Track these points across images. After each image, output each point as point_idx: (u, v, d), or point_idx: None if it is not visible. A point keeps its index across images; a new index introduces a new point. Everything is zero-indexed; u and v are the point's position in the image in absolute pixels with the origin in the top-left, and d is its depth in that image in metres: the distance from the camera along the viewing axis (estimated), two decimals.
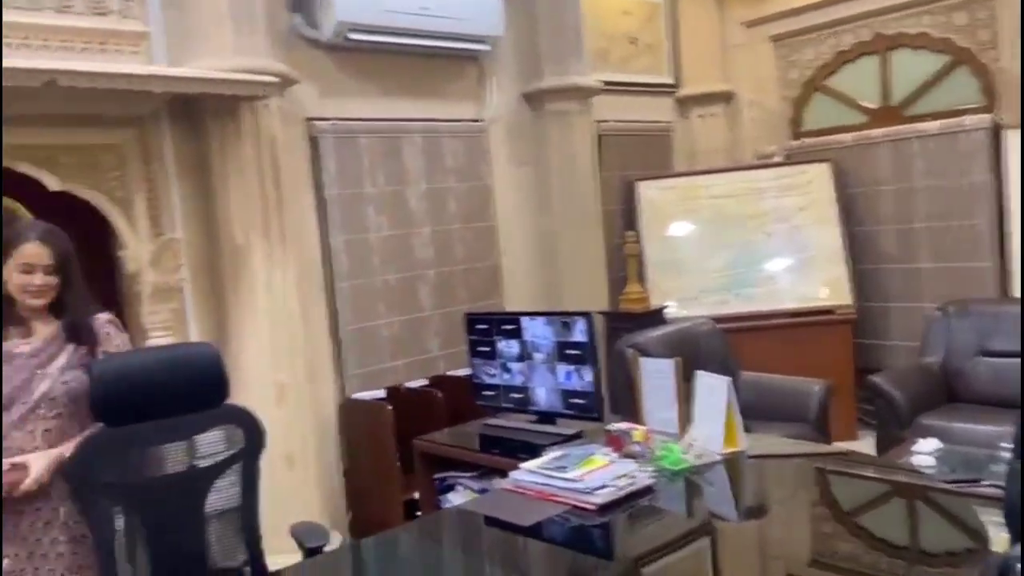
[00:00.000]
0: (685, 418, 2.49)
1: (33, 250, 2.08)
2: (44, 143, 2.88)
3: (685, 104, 5.66)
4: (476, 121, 4.46)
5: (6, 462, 2.00)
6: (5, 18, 2.75)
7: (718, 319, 4.30)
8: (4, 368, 2.03)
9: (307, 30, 3.75)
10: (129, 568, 2.00)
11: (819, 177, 5.01)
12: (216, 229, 3.36)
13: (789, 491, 2.31)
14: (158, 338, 3.15)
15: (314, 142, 3.80)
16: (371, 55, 3.97)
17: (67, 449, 2.05)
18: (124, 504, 2.00)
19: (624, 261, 4.85)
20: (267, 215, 3.35)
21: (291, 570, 2.08)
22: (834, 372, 4.23)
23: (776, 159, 5.39)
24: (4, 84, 2.54)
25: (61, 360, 2.10)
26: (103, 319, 2.21)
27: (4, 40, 2.74)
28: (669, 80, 5.62)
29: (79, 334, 2.14)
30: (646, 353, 3.16)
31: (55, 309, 2.15)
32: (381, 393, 3.89)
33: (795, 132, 5.44)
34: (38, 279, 2.08)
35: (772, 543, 2.00)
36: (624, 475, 2.11)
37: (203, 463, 2.19)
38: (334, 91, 3.88)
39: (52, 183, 2.91)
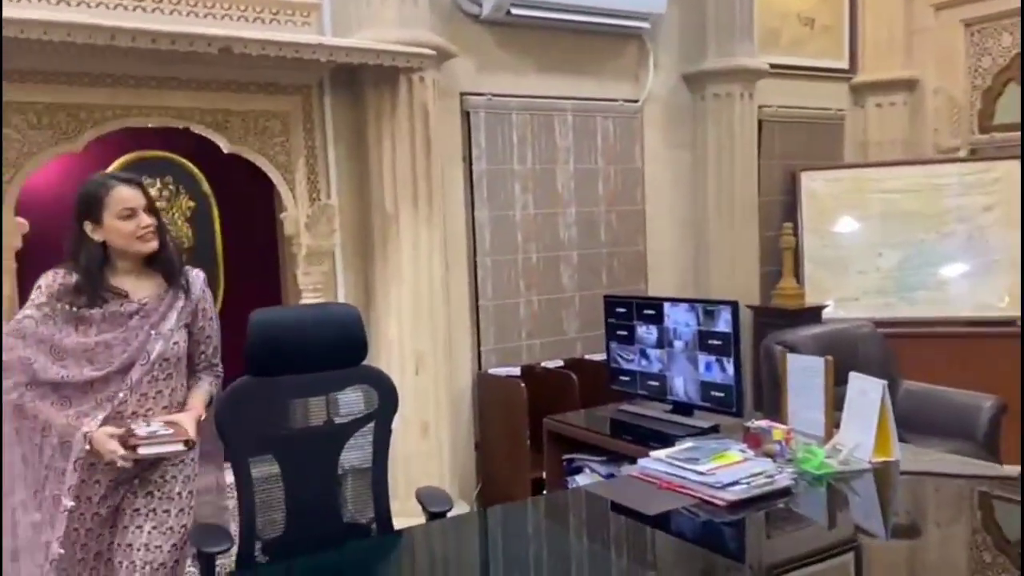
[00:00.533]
0: (832, 422, 2.31)
1: (127, 192, 1.97)
2: (218, 107, 3.06)
3: (860, 91, 5.27)
4: (632, 101, 4.35)
5: (163, 423, 1.96)
6: None
7: (879, 323, 3.98)
8: (119, 331, 1.97)
9: (468, 5, 3.78)
10: (267, 515, 2.10)
11: (1008, 175, 4.52)
12: (368, 197, 3.46)
13: (947, 512, 2.10)
14: (309, 298, 3.29)
15: (466, 116, 3.84)
16: (530, 31, 3.95)
17: (199, 410, 2.07)
18: (264, 452, 2.09)
19: (779, 255, 4.60)
20: (417, 186, 3.42)
21: (416, 530, 2.10)
22: (1009, 389, 3.81)
23: (961, 154, 4.92)
24: (184, 49, 2.72)
25: (171, 320, 2.04)
26: (200, 277, 2.15)
27: (184, 7, 2.92)
28: (844, 65, 5.24)
29: (179, 283, 2.07)
30: (796, 351, 2.97)
31: (149, 262, 2.04)
32: (516, 370, 3.89)
33: (984, 125, 4.93)
34: (144, 219, 1.97)
35: (923, 567, 1.81)
36: (760, 473, 1.98)
37: (339, 420, 2.26)
38: (490, 66, 3.90)
39: (224, 145, 3.09)
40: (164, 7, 2.87)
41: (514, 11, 3.73)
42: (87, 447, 1.88)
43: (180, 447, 1.90)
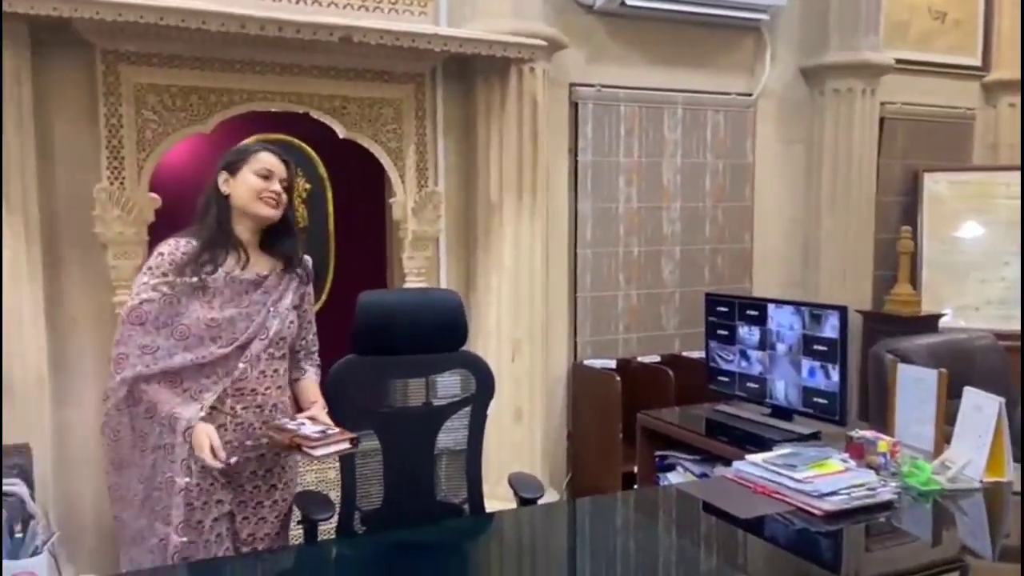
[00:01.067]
0: (943, 437, 2.21)
1: (272, 158, 1.98)
2: (336, 94, 3.18)
3: (993, 90, 4.95)
4: (745, 95, 4.24)
5: (308, 418, 1.96)
6: None
7: (1002, 335, 3.75)
8: (242, 306, 1.95)
9: None
10: (366, 488, 2.19)
11: None
12: (474, 185, 3.52)
13: None
14: (412, 282, 3.38)
15: (575, 107, 3.84)
16: (643, 22, 3.91)
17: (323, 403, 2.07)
18: (366, 428, 2.17)
19: (895, 258, 4.39)
20: (522, 176, 3.45)
21: (508, 514, 2.15)
22: None
23: None
24: (308, 37, 2.83)
25: (288, 299, 2.03)
26: (310, 263, 2.14)
27: None
28: (976, 62, 4.94)
29: (297, 266, 2.06)
30: (908, 361, 2.84)
31: (266, 244, 2.03)
32: (611, 363, 3.88)
33: None
34: (276, 186, 1.96)
35: None
36: (861, 485, 1.92)
37: (437, 402, 2.33)
38: (600, 58, 3.88)
39: (340, 130, 3.21)
40: None
41: (628, 2, 3.70)
42: (186, 440, 1.84)
43: (347, 445, 1.86)
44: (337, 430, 1.85)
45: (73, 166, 2.92)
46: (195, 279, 1.91)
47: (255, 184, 1.94)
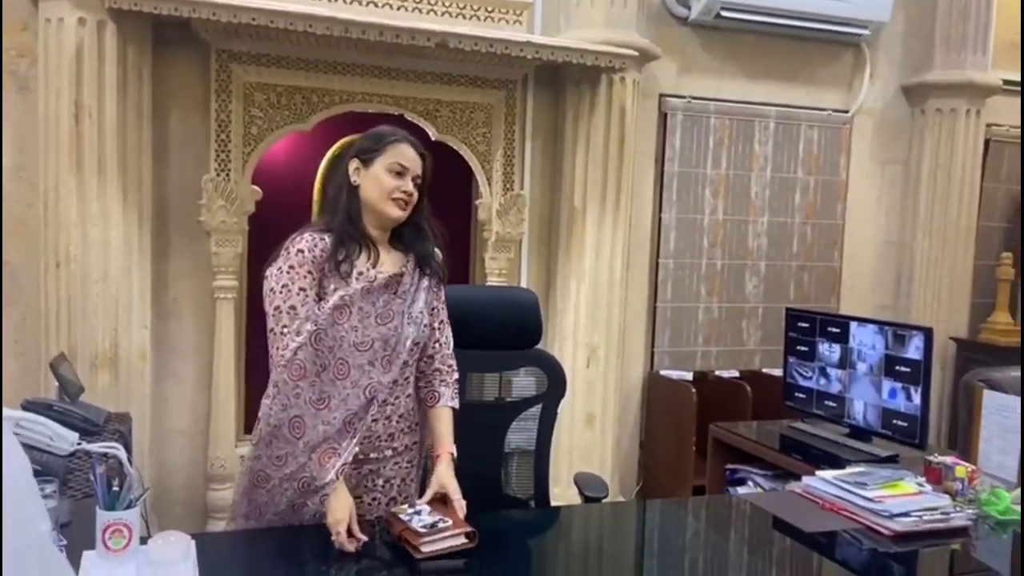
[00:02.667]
0: None
1: (410, 153, 1.82)
2: (428, 97, 3.29)
3: None
4: (841, 112, 4.15)
5: (428, 505, 1.72)
6: None
7: None
8: (375, 294, 1.78)
9: (677, 7, 3.78)
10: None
11: None
12: (559, 190, 3.57)
13: None
14: (494, 283, 3.46)
15: (664, 118, 3.85)
16: (737, 35, 3.89)
17: (446, 460, 1.85)
18: None
19: (995, 286, 4.21)
20: (607, 184, 3.48)
21: (574, 509, 2.18)
22: None
23: None
24: (407, 42, 2.95)
25: (420, 302, 1.86)
26: (441, 261, 1.96)
27: (410, 3, 3.16)
28: None
29: (431, 267, 1.90)
30: (1000, 391, 2.73)
31: (395, 242, 1.88)
32: (688, 375, 3.85)
33: None
34: (408, 185, 1.80)
35: None
36: (934, 508, 1.86)
37: (510, 398, 2.38)
38: (692, 69, 3.88)
39: (432, 132, 3.32)
40: (392, 2, 3.12)
41: (724, 14, 3.69)
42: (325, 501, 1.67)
43: (463, 540, 1.62)
44: (450, 522, 1.63)
45: (184, 157, 3.13)
46: (332, 287, 1.75)
47: (386, 182, 1.78)
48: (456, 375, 1.96)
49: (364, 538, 1.64)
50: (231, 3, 2.77)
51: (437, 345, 1.93)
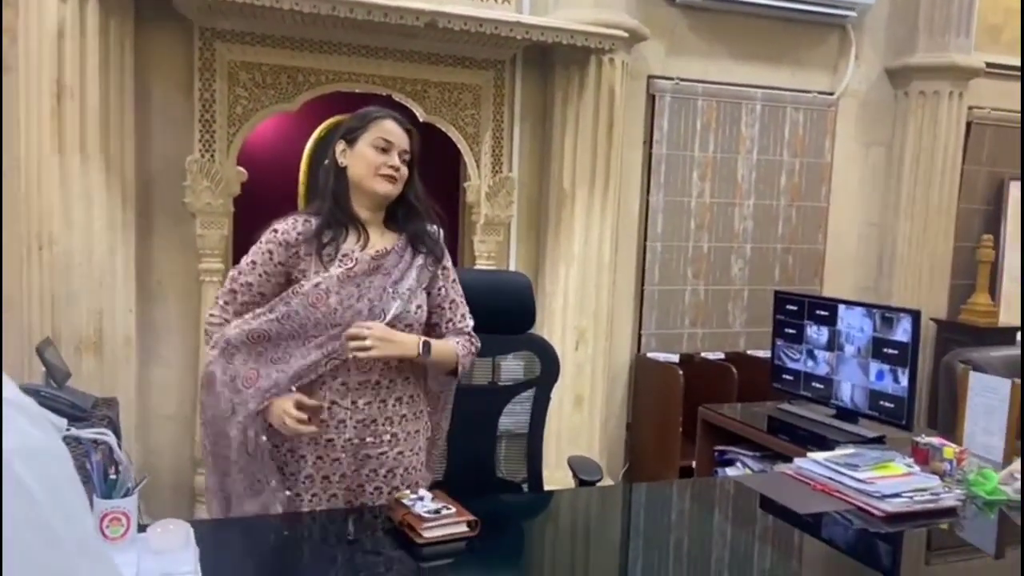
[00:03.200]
0: (1013, 449, 2.16)
1: (393, 127, 1.79)
2: (417, 77, 3.26)
3: None
4: (826, 94, 4.17)
5: (430, 493, 1.69)
6: None
7: None
8: (358, 278, 1.76)
9: None
10: (430, 464, 2.25)
11: None
12: (547, 173, 3.56)
13: None
14: (483, 266, 3.45)
15: (652, 99, 3.84)
16: (725, 16, 3.88)
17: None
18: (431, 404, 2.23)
19: (974, 267, 4.27)
20: (595, 166, 3.48)
21: (566, 493, 2.19)
22: None
23: None
24: (395, 21, 2.91)
25: (409, 280, 1.81)
26: (440, 236, 1.94)
27: None
28: None
29: (426, 244, 1.86)
30: (980, 371, 2.78)
31: (389, 222, 1.85)
32: (674, 357, 3.89)
33: None
34: (395, 159, 1.77)
35: None
36: (924, 489, 1.90)
37: (502, 382, 2.38)
38: (680, 50, 3.87)
39: (420, 113, 3.28)
40: None
41: None
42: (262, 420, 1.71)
43: (464, 528, 1.61)
44: (454, 509, 1.63)
45: (167, 137, 3.08)
46: (309, 258, 1.75)
47: (372, 158, 1.75)
48: (472, 346, 1.91)
49: (317, 403, 1.71)
50: None
51: (450, 324, 1.90)
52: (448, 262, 1.93)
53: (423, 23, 2.95)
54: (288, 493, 1.76)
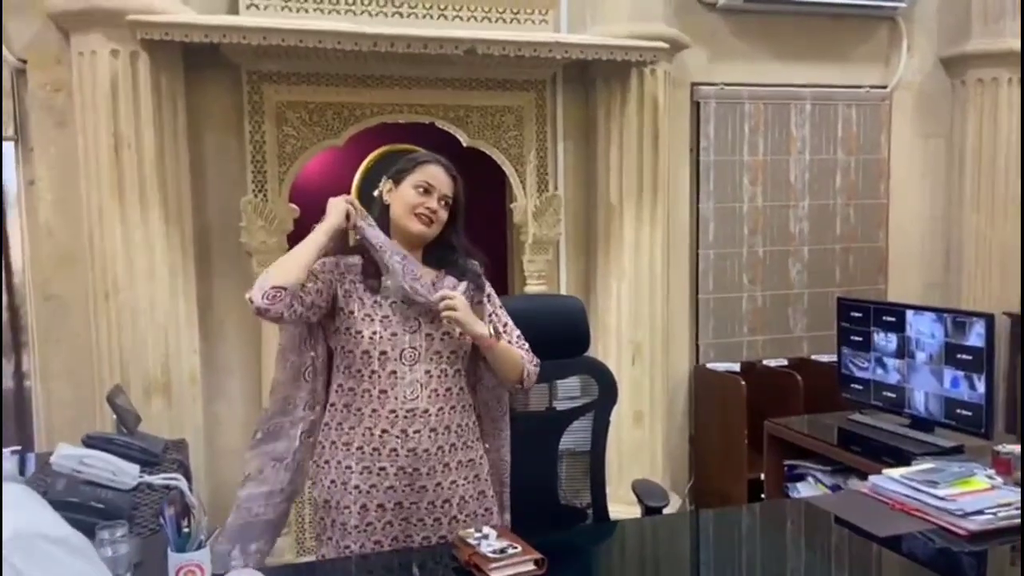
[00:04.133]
0: None
1: (438, 172, 1.86)
2: (458, 103, 3.27)
3: None
4: (879, 88, 4.05)
5: (495, 530, 1.69)
6: None
7: None
8: (396, 318, 1.81)
9: None
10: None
11: None
12: (593, 188, 3.54)
13: None
14: (533, 285, 3.43)
15: (696, 107, 3.78)
16: (768, 17, 3.81)
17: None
18: None
19: None
20: (642, 178, 3.44)
21: (632, 523, 2.16)
22: None
23: None
24: (435, 52, 2.93)
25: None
26: (479, 266, 1.97)
27: (435, 11, 3.13)
28: None
29: (467, 276, 1.91)
30: None
31: (428, 262, 1.91)
32: (735, 366, 3.81)
33: None
34: (433, 203, 1.83)
35: None
36: (1008, 504, 1.81)
37: (560, 406, 2.36)
38: (723, 55, 3.81)
39: (463, 139, 3.30)
40: (418, 12, 3.09)
41: None
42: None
43: (531, 567, 1.58)
44: (520, 548, 1.62)
45: (221, 180, 3.15)
46: (353, 285, 1.82)
47: (412, 198, 1.83)
48: (533, 361, 1.97)
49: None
50: (259, 26, 2.77)
51: (507, 328, 1.96)
52: (491, 291, 1.98)
53: (462, 51, 2.96)
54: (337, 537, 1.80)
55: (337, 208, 1.82)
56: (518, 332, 1.98)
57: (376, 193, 1.92)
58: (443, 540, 1.80)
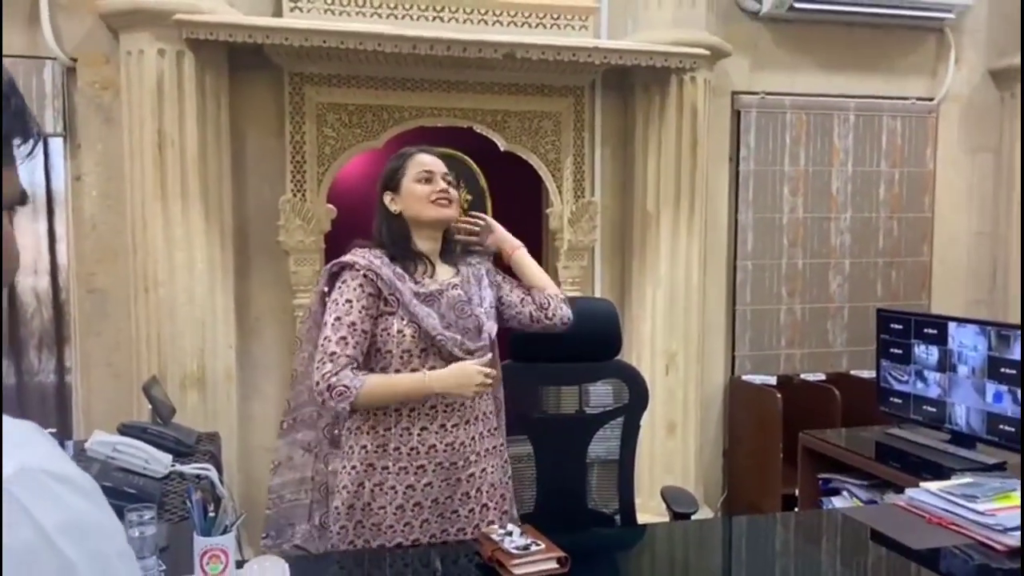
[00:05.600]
0: None
1: (427, 157, 1.87)
2: (497, 108, 3.28)
3: None
4: (926, 100, 3.97)
5: (520, 528, 1.70)
6: None
7: None
8: (451, 314, 1.82)
9: (747, 2, 3.68)
10: (520, 492, 2.23)
11: None
12: (630, 195, 3.52)
13: None
14: (567, 291, 3.41)
15: (737, 116, 3.75)
16: (812, 26, 3.76)
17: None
18: (520, 433, 2.22)
19: None
20: (680, 186, 3.41)
21: (660, 527, 2.12)
22: None
23: None
24: (474, 55, 2.94)
25: (488, 298, 1.90)
26: (485, 258, 2.01)
27: (475, 16, 3.15)
28: None
29: (476, 262, 1.95)
30: None
31: (448, 251, 1.93)
32: (771, 379, 3.74)
33: None
34: (440, 183, 1.84)
35: None
36: None
37: (590, 410, 2.35)
38: (765, 64, 3.77)
39: (501, 143, 3.30)
40: (458, 16, 3.12)
41: (797, 6, 3.57)
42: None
43: (554, 565, 1.58)
44: (543, 545, 1.61)
45: (261, 179, 3.19)
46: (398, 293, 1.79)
47: (420, 191, 1.83)
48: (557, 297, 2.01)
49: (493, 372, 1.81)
50: (302, 27, 2.81)
51: (532, 292, 2.01)
52: (499, 276, 2.02)
53: (502, 55, 2.97)
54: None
55: (467, 384, 1.76)
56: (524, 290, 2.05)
57: (378, 210, 1.88)
58: (476, 531, 1.80)
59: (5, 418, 0.53)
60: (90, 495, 0.54)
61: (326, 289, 1.84)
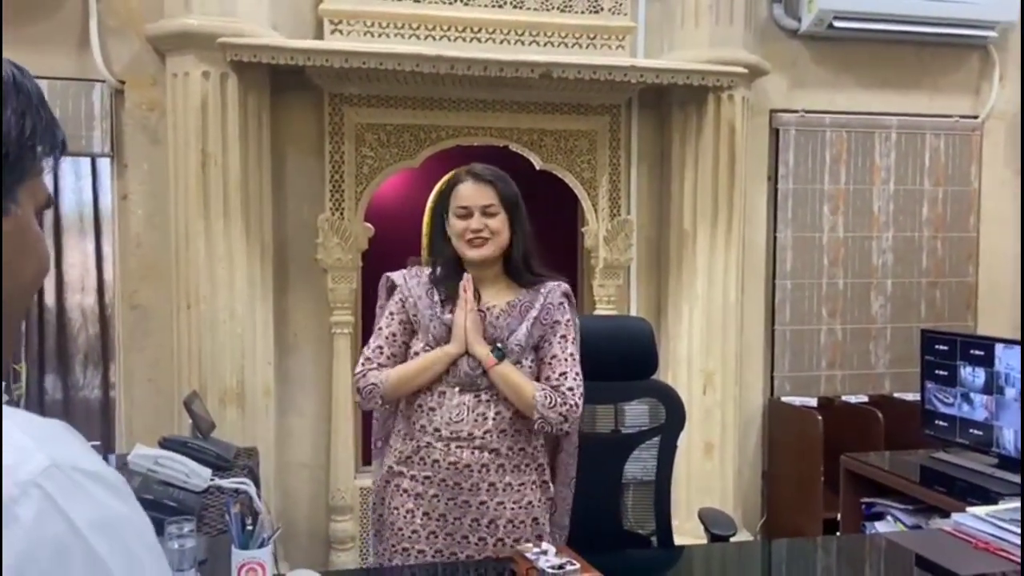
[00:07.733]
0: None
1: (466, 191, 1.83)
2: (533, 127, 3.30)
3: None
4: (969, 118, 3.90)
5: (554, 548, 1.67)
6: (517, 18, 3.18)
7: None
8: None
9: (786, 20, 3.66)
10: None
11: None
12: (667, 214, 3.50)
13: None
14: (603, 310, 3.41)
15: (775, 134, 3.72)
16: (852, 44, 3.73)
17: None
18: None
19: None
20: (717, 205, 3.39)
21: (697, 548, 2.09)
22: None
23: None
24: (511, 75, 2.97)
25: (521, 333, 1.83)
26: (561, 289, 1.92)
27: (512, 36, 3.17)
28: None
29: (533, 289, 1.88)
30: None
31: (506, 271, 1.90)
32: (812, 401, 3.67)
33: None
34: (475, 222, 1.80)
35: None
36: None
37: (626, 430, 2.32)
38: (804, 82, 3.74)
39: (537, 162, 3.32)
40: (495, 37, 3.15)
41: (837, 24, 3.55)
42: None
43: None
44: (578, 565, 1.59)
45: (301, 198, 3.24)
46: (428, 311, 1.84)
47: (457, 228, 1.83)
48: (558, 400, 1.80)
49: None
50: (342, 49, 2.86)
51: (546, 382, 1.84)
52: (562, 317, 1.90)
53: (538, 75, 2.99)
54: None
55: (459, 336, 1.81)
56: (564, 369, 1.85)
57: (439, 227, 1.94)
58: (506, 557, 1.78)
59: (32, 416, 0.55)
60: (120, 492, 0.55)
61: (384, 301, 1.97)
